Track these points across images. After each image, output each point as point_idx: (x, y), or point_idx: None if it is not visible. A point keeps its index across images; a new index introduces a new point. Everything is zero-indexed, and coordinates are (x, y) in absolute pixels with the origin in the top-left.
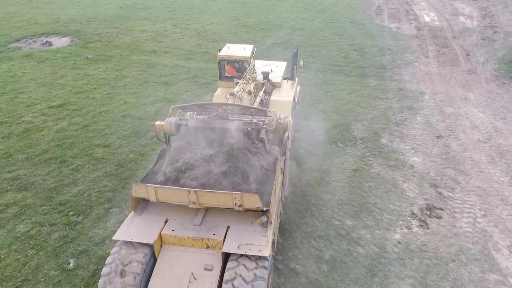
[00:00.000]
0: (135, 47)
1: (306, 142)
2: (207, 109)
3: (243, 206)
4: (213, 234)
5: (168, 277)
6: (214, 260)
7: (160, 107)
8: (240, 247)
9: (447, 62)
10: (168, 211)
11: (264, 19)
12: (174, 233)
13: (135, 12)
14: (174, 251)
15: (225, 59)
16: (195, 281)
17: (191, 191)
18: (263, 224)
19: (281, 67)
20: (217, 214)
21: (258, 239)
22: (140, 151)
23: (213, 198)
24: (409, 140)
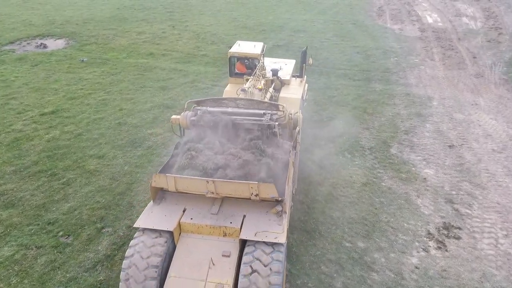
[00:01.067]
0: (132, 50)
1: (312, 152)
2: (221, 104)
3: (260, 196)
4: (230, 223)
5: (188, 262)
6: (232, 247)
7: (157, 114)
8: (257, 234)
9: (454, 65)
10: (186, 201)
11: (264, 20)
12: (193, 221)
13: (133, 13)
14: (193, 239)
15: (236, 56)
16: (213, 267)
17: (209, 181)
18: (278, 213)
19: (289, 65)
20: (233, 204)
21: (274, 227)
22: (136, 162)
23: (231, 188)
24: (420, 150)
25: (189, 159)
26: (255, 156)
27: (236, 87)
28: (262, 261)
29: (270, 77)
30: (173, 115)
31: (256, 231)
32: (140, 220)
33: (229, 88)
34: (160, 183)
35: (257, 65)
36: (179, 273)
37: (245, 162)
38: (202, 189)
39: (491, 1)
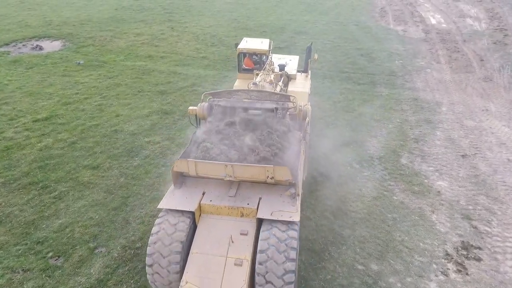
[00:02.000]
0: (130, 52)
1: (318, 162)
2: (235, 95)
3: (275, 178)
4: (247, 204)
5: (209, 240)
6: (249, 227)
7: (155, 121)
8: (273, 214)
9: (461, 68)
10: (204, 185)
11: (265, 22)
12: (212, 202)
13: (131, 14)
14: (212, 219)
15: (244, 52)
16: (233, 244)
17: (228, 165)
18: (292, 195)
19: (294, 60)
20: (249, 187)
21: (288, 207)
22: (132, 174)
23: (248, 171)
24: (432, 160)
25: (204, 152)
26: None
27: (245, 82)
28: (278, 237)
29: (279, 72)
30: (190, 106)
31: (272, 211)
32: (163, 202)
33: (238, 83)
34: (181, 167)
35: (264, 61)
36: (201, 250)
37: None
38: (221, 173)
39: (494, 1)
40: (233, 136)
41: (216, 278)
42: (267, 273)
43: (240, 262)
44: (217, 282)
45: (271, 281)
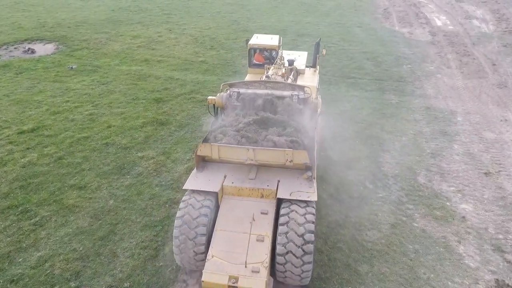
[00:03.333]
0: (125, 56)
1: (327, 181)
2: (252, 86)
3: (293, 161)
4: (267, 185)
5: (231, 219)
6: (269, 207)
7: (149, 133)
8: (292, 194)
9: (473, 73)
10: (225, 169)
11: (266, 23)
12: (234, 184)
13: (128, 15)
14: (234, 200)
15: (255, 47)
16: (254, 222)
17: (249, 149)
18: (309, 178)
19: (303, 56)
20: (268, 171)
21: (306, 188)
22: (123, 195)
23: (268, 155)
24: (452, 179)
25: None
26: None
27: (256, 77)
28: (298, 212)
29: (290, 67)
30: (210, 96)
31: (290, 192)
32: (188, 184)
33: (249, 78)
34: (204, 151)
35: (274, 56)
36: (224, 227)
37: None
38: (242, 157)
39: (499, 2)
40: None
41: (240, 252)
42: (288, 243)
43: (262, 238)
44: (241, 256)
45: (291, 251)
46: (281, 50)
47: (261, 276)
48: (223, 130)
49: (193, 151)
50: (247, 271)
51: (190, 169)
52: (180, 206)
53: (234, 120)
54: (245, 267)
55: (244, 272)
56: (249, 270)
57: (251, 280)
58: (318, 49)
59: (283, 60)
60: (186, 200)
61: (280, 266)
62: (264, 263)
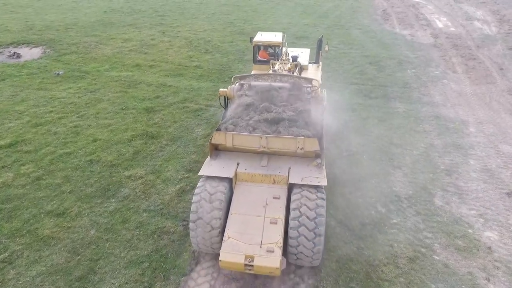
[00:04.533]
0: (116, 60)
1: (334, 204)
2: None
3: (304, 149)
4: (278, 172)
5: (245, 203)
6: (281, 192)
7: (138, 147)
8: (303, 179)
9: (480, 78)
10: (238, 157)
11: (263, 25)
12: (247, 171)
13: (120, 17)
14: (247, 186)
15: (260, 44)
16: (267, 206)
17: (262, 137)
18: (318, 165)
19: (305, 53)
20: (279, 159)
21: (316, 174)
22: (106, 224)
23: (280, 142)
24: (472, 201)
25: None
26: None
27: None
28: (309, 197)
29: (294, 63)
30: (221, 88)
31: (301, 177)
32: (203, 170)
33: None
34: (219, 139)
35: (278, 53)
36: (239, 211)
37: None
38: (255, 144)
39: (498, 3)
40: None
41: (255, 233)
42: (300, 227)
43: (275, 221)
44: (256, 237)
45: (304, 234)
46: (286, 46)
47: (276, 255)
48: (234, 121)
49: (185, 169)
50: (262, 250)
51: (182, 190)
52: (195, 192)
53: (246, 113)
54: (260, 247)
55: (259, 251)
56: (264, 250)
57: (266, 259)
58: (320, 45)
59: (288, 56)
60: (201, 186)
61: (293, 248)
62: (278, 243)
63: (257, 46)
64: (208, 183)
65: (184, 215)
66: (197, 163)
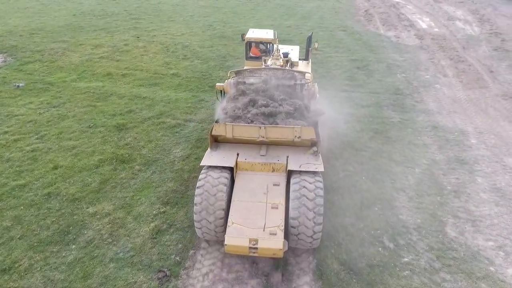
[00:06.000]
0: (85, 69)
1: (336, 240)
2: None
3: (301, 137)
4: (277, 160)
5: (247, 191)
6: (280, 179)
7: (107, 175)
8: (301, 166)
9: (472, 82)
10: (237, 148)
11: (244, 28)
12: (247, 160)
13: (91, 20)
14: (248, 174)
15: (252, 41)
16: (268, 193)
17: (261, 127)
18: (314, 153)
19: (295, 50)
20: (277, 148)
21: (313, 161)
22: (63, 281)
23: (278, 132)
24: (487, 228)
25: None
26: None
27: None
28: (308, 182)
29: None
30: (218, 83)
31: (300, 164)
32: (204, 161)
33: None
34: (219, 131)
35: (270, 49)
36: (241, 198)
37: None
38: (255, 134)
39: (476, 2)
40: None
41: (257, 218)
42: (300, 207)
43: (276, 206)
44: (259, 221)
45: (304, 214)
46: (277, 43)
47: (278, 237)
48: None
49: (161, 201)
50: (265, 234)
51: (158, 230)
52: (198, 184)
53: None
54: (263, 230)
55: (262, 234)
56: (267, 233)
57: (269, 241)
58: (310, 42)
59: (279, 52)
60: (204, 176)
61: (294, 229)
62: (280, 226)
63: (249, 42)
64: (211, 172)
65: (160, 263)
66: (175, 193)
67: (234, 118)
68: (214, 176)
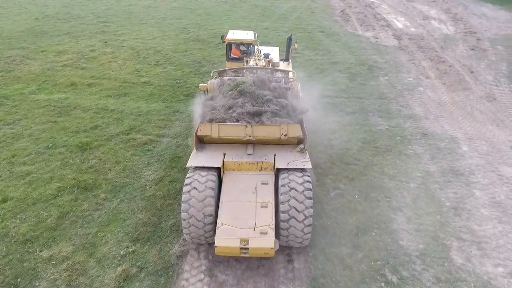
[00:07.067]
0: (45, 79)
1: (333, 276)
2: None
3: (288, 135)
4: (265, 159)
5: (235, 190)
6: (268, 178)
7: (66, 207)
8: (289, 164)
9: (455, 84)
10: (223, 148)
11: (219, 30)
12: (234, 160)
13: (55, 24)
14: (235, 174)
15: (233, 42)
16: (256, 192)
17: (248, 126)
18: (301, 150)
19: (275, 51)
20: (264, 147)
21: (301, 158)
22: None
23: (265, 130)
24: (494, 251)
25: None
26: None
27: None
28: (296, 181)
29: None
30: (201, 83)
31: (287, 162)
32: (191, 162)
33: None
34: (205, 131)
35: (251, 50)
36: (230, 198)
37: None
38: (241, 134)
39: (447, 1)
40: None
41: (247, 218)
42: (290, 210)
43: (265, 204)
44: (249, 221)
45: (294, 216)
46: (258, 44)
47: (269, 236)
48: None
49: (130, 238)
50: (256, 233)
51: (126, 275)
52: (185, 183)
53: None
54: (254, 230)
55: (253, 234)
56: (258, 232)
57: (260, 241)
58: (290, 43)
59: (260, 53)
60: (191, 177)
61: (284, 230)
62: (270, 225)
63: (230, 44)
64: (197, 173)
65: None
66: (146, 226)
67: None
68: (201, 180)
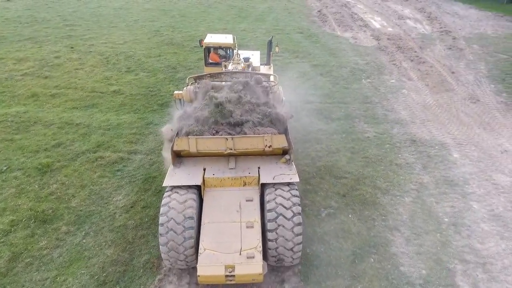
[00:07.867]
0: (3, 90)
1: None
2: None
3: (272, 146)
4: (248, 173)
5: (218, 210)
6: (253, 194)
7: (20, 246)
8: (275, 178)
9: (438, 85)
10: (203, 162)
11: (195, 33)
12: (215, 176)
13: (16, 29)
14: (217, 191)
15: (211, 46)
16: (241, 210)
17: (228, 138)
18: (287, 161)
19: (256, 55)
20: (247, 159)
21: (287, 171)
22: None
23: (247, 142)
24: (501, 274)
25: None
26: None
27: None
28: (283, 196)
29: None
30: (176, 91)
31: (273, 176)
32: (167, 180)
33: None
34: (181, 145)
35: (230, 54)
36: (212, 219)
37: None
38: (222, 147)
39: (420, 1)
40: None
41: (232, 241)
42: (278, 228)
43: (251, 224)
44: (234, 244)
45: (283, 235)
46: (237, 48)
47: (257, 260)
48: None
49: (97, 282)
50: (242, 258)
51: None
52: (162, 203)
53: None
54: (240, 254)
55: (239, 259)
56: (244, 257)
57: (247, 266)
58: (270, 47)
59: (239, 57)
60: (168, 196)
61: (272, 251)
62: (257, 247)
63: (208, 48)
64: (175, 193)
65: None
66: (115, 265)
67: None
68: (180, 200)
